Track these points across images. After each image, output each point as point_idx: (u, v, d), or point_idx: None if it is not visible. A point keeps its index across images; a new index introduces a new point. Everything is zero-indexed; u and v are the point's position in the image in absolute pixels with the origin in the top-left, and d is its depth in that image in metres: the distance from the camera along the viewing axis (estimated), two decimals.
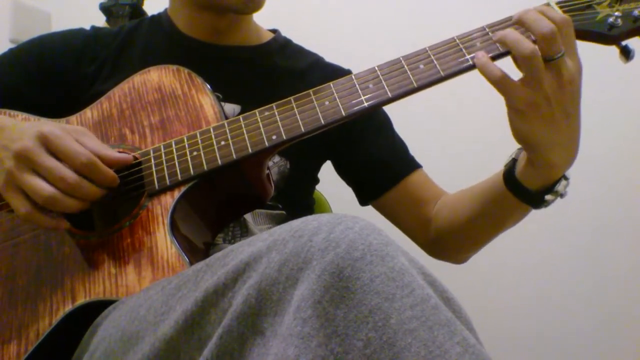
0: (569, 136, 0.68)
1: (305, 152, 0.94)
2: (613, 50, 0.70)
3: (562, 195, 0.73)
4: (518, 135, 0.69)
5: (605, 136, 1.52)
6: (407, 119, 1.27)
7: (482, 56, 0.67)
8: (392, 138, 1.01)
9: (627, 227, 1.51)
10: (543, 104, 0.65)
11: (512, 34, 0.65)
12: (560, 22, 0.64)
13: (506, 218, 0.80)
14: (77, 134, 0.69)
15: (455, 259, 0.94)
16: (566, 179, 0.72)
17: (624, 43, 0.69)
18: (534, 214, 0.77)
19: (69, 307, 0.66)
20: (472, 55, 0.69)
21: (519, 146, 0.73)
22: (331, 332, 0.44)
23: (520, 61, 0.64)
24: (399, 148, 1.00)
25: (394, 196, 0.96)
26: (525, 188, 0.72)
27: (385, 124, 1.02)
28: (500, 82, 0.65)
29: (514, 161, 0.75)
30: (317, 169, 1.04)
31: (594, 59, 1.26)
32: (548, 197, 0.72)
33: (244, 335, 0.48)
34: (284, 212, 0.96)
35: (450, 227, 0.89)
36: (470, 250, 0.91)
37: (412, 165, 0.98)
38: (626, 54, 0.69)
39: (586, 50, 0.70)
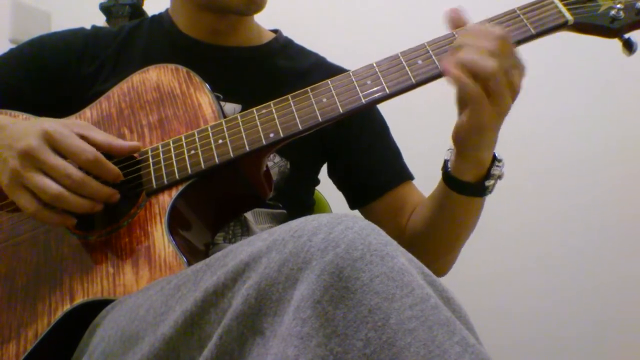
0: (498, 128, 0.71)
1: (305, 153, 0.94)
2: (615, 44, 0.70)
3: (500, 177, 0.76)
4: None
5: (604, 135, 1.51)
6: (406, 116, 1.27)
7: (449, 60, 0.66)
8: (387, 146, 1.00)
9: (627, 227, 1.51)
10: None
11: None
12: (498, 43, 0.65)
13: (460, 216, 0.81)
14: (82, 129, 0.70)
15: (429, 269, 0.92)
16: (499, 160, 0.75)
17: (626, 36, 0.69)
18: (534, 216, 0.77)
19: (67, 307, 0.66)
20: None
21: (448, 148, 0.77)
22: (331, 332, 0.44)
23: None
24: (392, 157, 1.00)
25: (379, 205, 0.96)
26: (463, 182, 0.75)
27: (382, 130, 1.01)
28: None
29: (446, 162, 0.78)
30: (317, 170, 1.04)
31: (594, 56, 1.26)
32: (487, 182, 0.75)
33: (243, 335, 0.48)
34: (284, 211, 0.96)
35: (415, 237, 0.90)
36: (439, 257, 0.90)
37: (402, 176, 0.98)
38: (629, 47, 0.68)
39: (587, 45, 0.70)
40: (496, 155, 0.75)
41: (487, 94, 0.65)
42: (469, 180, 0.75)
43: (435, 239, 0.87)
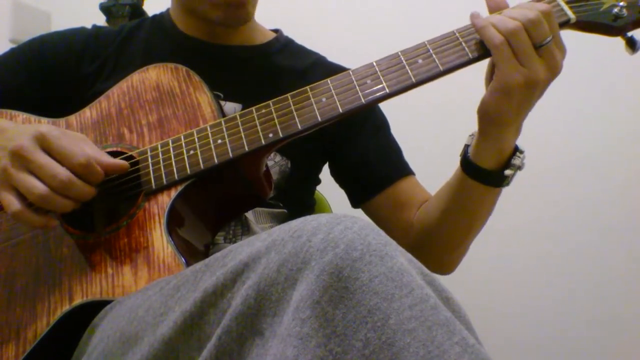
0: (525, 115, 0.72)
1: (305, 152, 0.94)
2: (618, 43, 0.69)
3: (520, 168, 0.75)
4: (489, 110, 0.71)
5: (604, 135, 1.51)
6: (407, 115, 1.26)
7: (481, 18, 0.68)
8: (386, 141, 1.00)
9: (627, 227, 1.50)
10: (533, 87, 0.67)
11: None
12: (544, 10, 0.66)
13: (475, 207, 0.81)
14: (76, 140, 0.69)
15: (438, 264, 0.90)
16: (521, 151, 0.75)
17: (629, 34, 0.68)
18: (534, 215, 0.76)
19: (66, 307, 0.66)
20: (472, 48, 0.68)
21: (469, 133, 0.77)
22: (330, 333, 0.44)
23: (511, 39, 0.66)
24: (392, 152, 0.99)
25: (381, 200, 0.96)
26: (483, 168, 0.75)
27: (382, 126, 1.01)
28: (500, 48, 0.66)
29: (466, 147, 0.77)
30: (318, 169, 1.04)
31: (593, 53, 1.25)
32: (507, 172, 0.74)
33: (243, 335, 0.48)
34: (285, 210, 0.95)
35: (426, 229, 0.88)
36: (450, 251, 0.89)
37: (403, 170, 0.97)
38: (632, 45, 0.68)
39: (587, 44, 0.69)
40: (518, 146, 0.75)
41: (513, 52, 0.66)
42: (489, 167, 0.75)
43: (446, 231, 0.86)
